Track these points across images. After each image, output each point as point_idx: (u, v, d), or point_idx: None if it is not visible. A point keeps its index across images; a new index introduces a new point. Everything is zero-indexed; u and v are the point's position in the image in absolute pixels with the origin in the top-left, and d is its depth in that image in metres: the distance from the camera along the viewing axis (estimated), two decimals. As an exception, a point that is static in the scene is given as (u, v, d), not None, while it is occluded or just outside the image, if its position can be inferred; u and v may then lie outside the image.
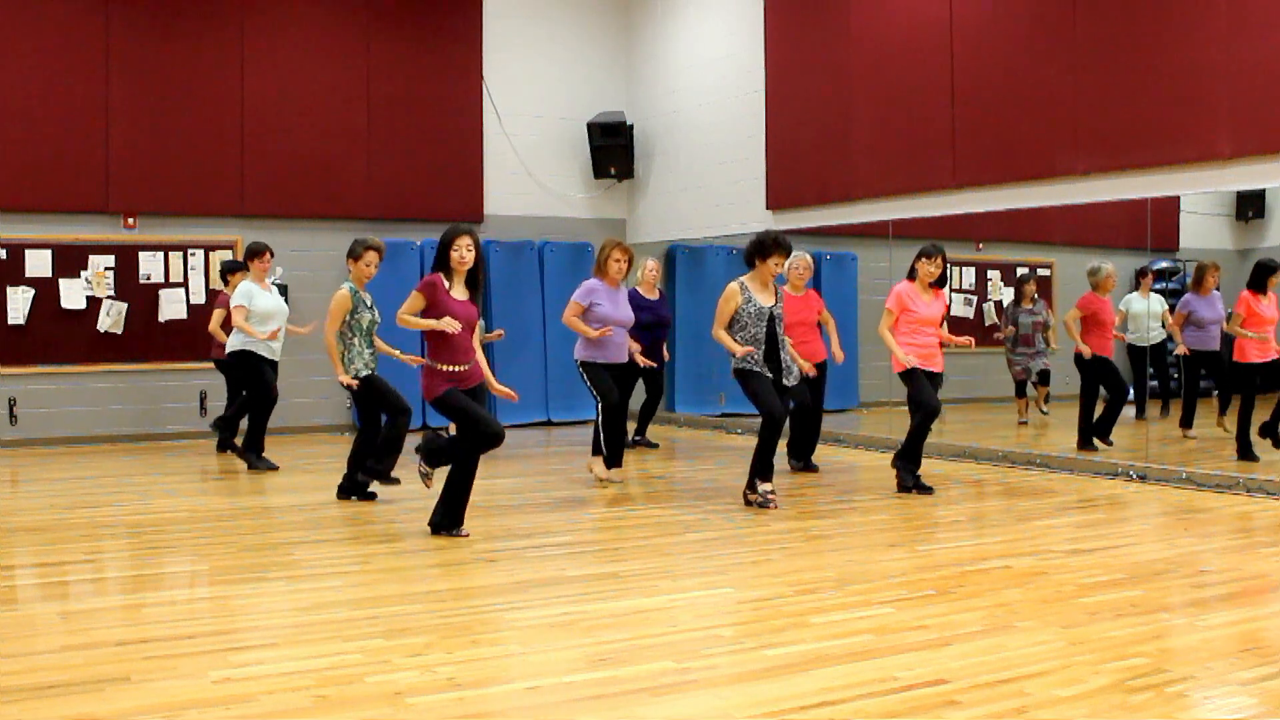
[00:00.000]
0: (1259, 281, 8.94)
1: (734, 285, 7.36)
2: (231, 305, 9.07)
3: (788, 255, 7.41)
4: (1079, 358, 9.44)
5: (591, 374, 8.26)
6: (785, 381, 7.35)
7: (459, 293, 6.40)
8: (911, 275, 7.96)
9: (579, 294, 8.28)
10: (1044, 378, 11.17)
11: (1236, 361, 8.95)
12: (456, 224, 6.54)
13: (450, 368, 6.34)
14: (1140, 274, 10.33)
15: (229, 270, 10.02)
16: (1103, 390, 9.53)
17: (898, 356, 7.78)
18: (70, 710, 3.71)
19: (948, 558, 6.01)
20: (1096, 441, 9.46)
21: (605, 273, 8.29)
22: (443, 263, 6.38)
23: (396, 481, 7.72)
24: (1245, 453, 8.71)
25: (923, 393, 7.77)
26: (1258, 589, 5.46)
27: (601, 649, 4.38)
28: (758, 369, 7.28)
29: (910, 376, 7.82)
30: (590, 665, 4.19)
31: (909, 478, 7.88)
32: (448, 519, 6.43)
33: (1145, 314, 10.26)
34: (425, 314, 6.32)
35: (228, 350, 9.21)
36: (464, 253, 6.35)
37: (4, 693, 3.86)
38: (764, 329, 7.28)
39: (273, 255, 9.33)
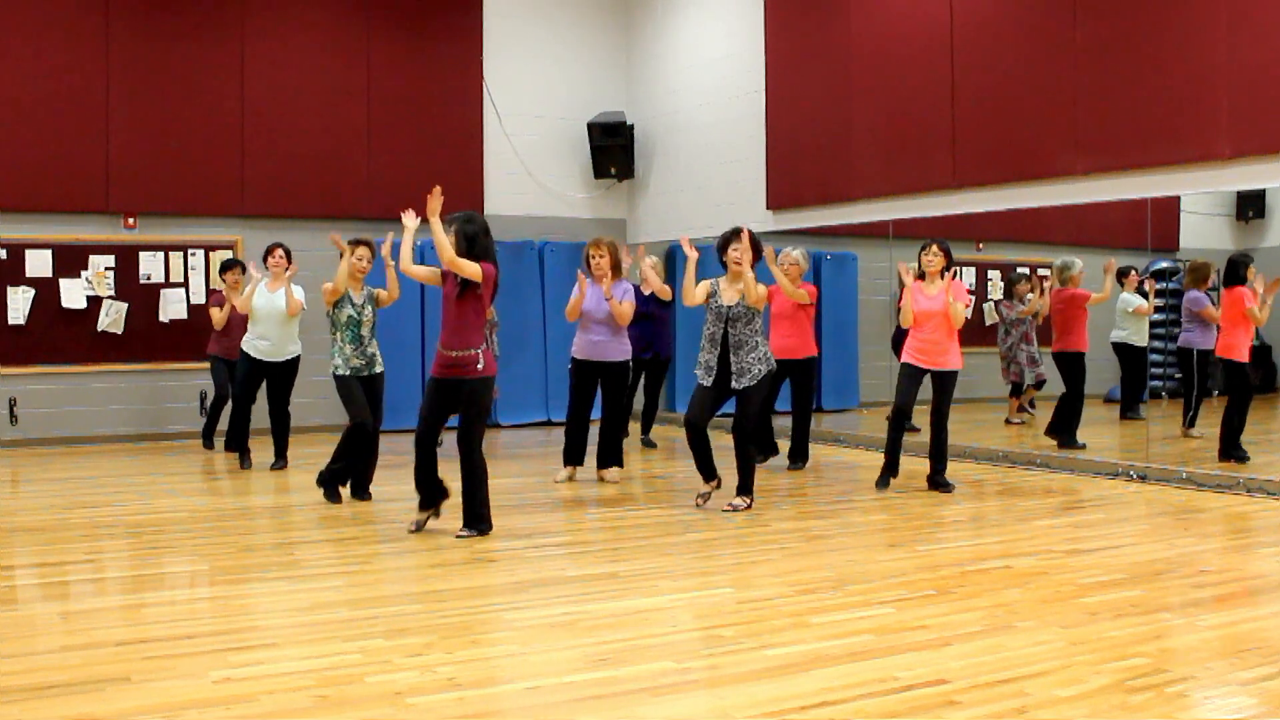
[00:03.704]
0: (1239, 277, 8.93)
1: (706, 282, 7.33)
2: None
3: (743, 240, 7.22)
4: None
5: (570, 374, 8.55)
6: (735, 384, 7.22)
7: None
8: (921, 274, 8.00)
9: (573, 291, 8.43)
10: (1025, 386, 11.18)
11: (1227, 359, 8.90)
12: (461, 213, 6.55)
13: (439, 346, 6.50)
14: (1123, 273, 10.29)
15: (222, 269, 10.06)
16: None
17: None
18: (70, 710, 3.71)
19: (948, 558, 6.01)
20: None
21: (591, 271, 8.39)
22: None
23: (368, 496, 7.68)
24: (1229, 453, 8.69)
25: (898, 390, 8.03)
26: (1258, 589, 5.46)
27: (601, 649, 4.38)
28: (700, 379, 7.28)
29: (900, 368, 8.02)
30: (590, 665, 4.19)
31: (882, 481, 8.05)
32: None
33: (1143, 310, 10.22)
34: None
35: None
36: None
37: (4, 693, 3.86)
38: (721, 329, 7.23)
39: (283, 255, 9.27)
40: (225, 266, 10.04)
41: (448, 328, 6.44)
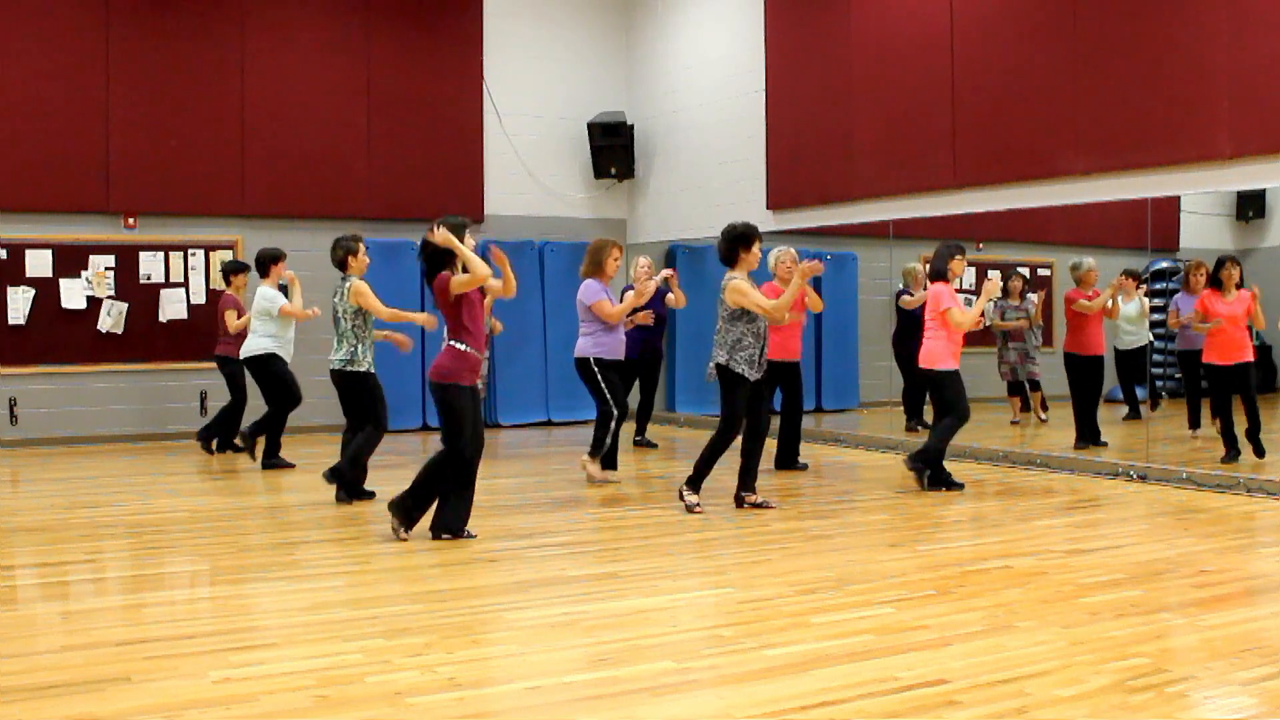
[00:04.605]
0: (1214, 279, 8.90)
1: (744, 278, 7.11)
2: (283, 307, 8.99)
3: (760, 240, 7.19)
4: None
5: (607, 375, 8.30)
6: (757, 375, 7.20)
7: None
8: (943, 276, 7.91)
9: (598, 292, 8.29)
10: (1034, 385, 11.20)
11: (1205, 362, 8.87)
12: (446, 216, 6.51)
13: (466, 348, 6.32)
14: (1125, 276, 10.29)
15: (232, 271, 10.02)
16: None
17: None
18: (70, 710, 3.71)
19: (948, 558, 6.01)
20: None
21: (603, 272, 8.33)
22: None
23: (370, 495, 7.65)
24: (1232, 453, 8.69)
25: (962, 397, 7.89)
26: (1258, 589, 5.46)
27: (601, 649, 4.38)
28: (749, 376, 7.06)
29: (954, 377, 7.87)
30: (590, 665, 4.20)
31: (926, 477, 7.92)
32: (411, 518, 6.40)
33: (1135, 315, 10.19)
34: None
35: (252, 353, 9.05)
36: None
37: (4, 693, 3.86)
38: (764, 323, 7.14)
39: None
40: (234, 269, 9.98)
41: (481, 332, 6.43)
